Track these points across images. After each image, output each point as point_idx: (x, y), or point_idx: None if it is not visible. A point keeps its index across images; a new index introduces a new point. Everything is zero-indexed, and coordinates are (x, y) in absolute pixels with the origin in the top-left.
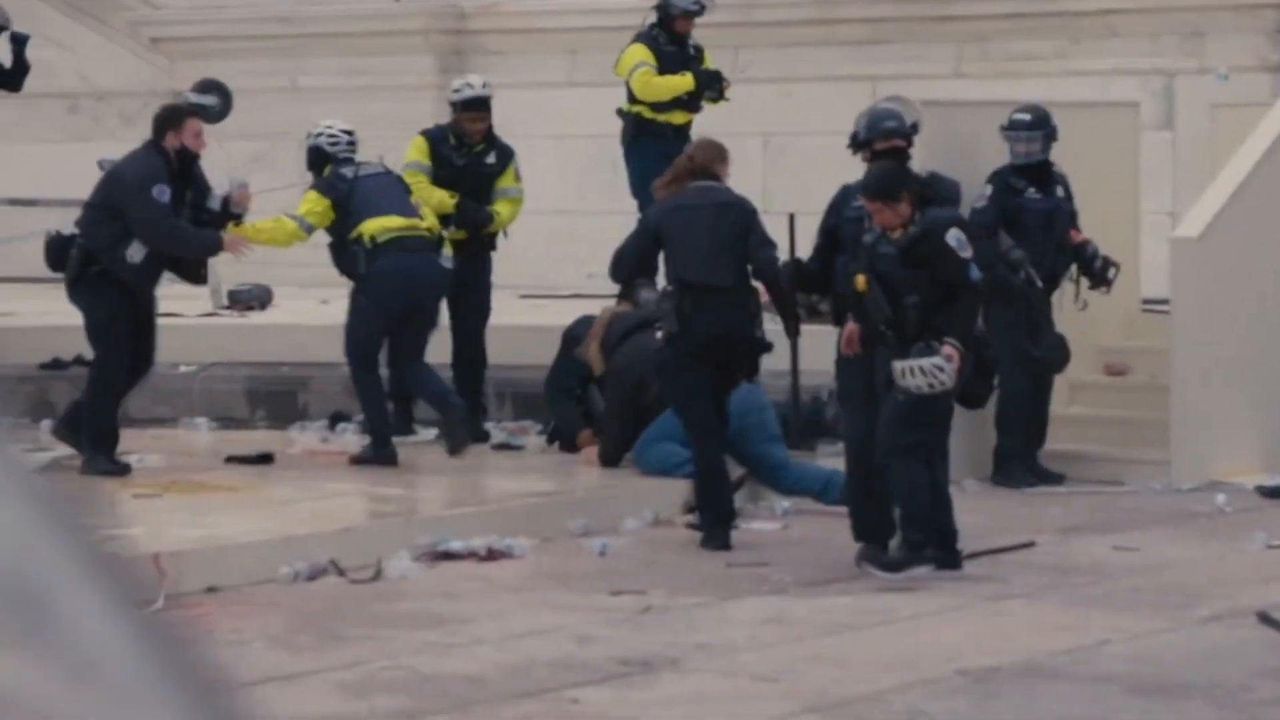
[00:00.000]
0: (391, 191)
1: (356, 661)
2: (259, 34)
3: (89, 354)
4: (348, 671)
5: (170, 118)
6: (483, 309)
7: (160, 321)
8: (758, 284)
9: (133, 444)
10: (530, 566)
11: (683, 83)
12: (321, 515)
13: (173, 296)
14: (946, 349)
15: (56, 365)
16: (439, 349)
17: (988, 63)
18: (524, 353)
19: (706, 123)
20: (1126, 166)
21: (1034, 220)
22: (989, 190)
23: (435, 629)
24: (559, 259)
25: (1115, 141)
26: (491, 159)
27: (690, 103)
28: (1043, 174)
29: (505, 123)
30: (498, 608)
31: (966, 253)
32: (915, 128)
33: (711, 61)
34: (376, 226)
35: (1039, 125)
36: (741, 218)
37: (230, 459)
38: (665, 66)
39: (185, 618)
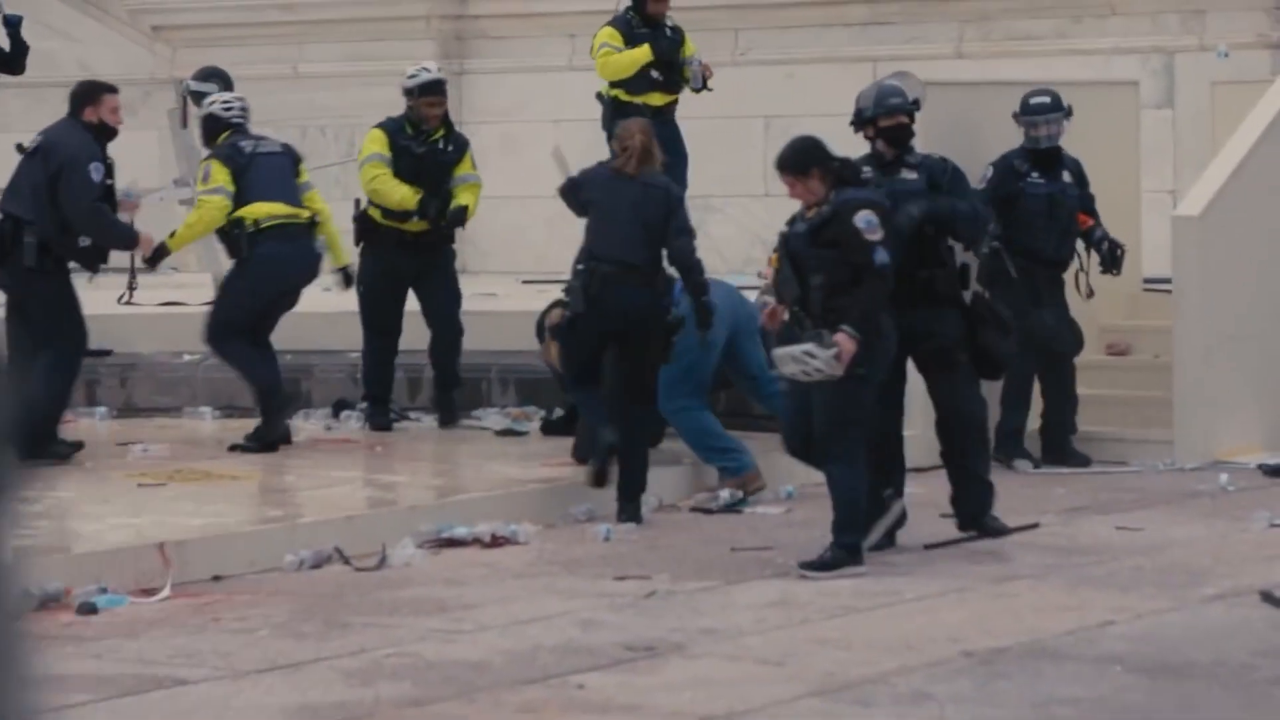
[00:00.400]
0: (284, 175)
1: (362, 649)
2: (260, 21)
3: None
4: (353, 659)
5: (87, 93)
6: (455, 296)
7: (163, 310)
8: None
9: (136, 433)
10: (534, 552)
11: (639, 54)
12: (325, 503)
13: (175, 285)
14: (838, 336)
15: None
16: (414, 337)
17: (988, 43)
18: (526, 338)
19: (708, 105)
20: (1127, 145)
21: (1035, 204)
22: (989, 173)
23: (440, 616)
24: (560, 243)
25: (1116, 120)
26: (448, 147)
27: (667, 84)
28: (1050, 158)
29: (507, 107)
30: (502, 594)
31: (875, 235)
32: (917, 104)
33: (692, 45)
34: (263, 212)
35: (1058, 107)
36: (666, 202)
37: (234, 447)
38: (646, 43)
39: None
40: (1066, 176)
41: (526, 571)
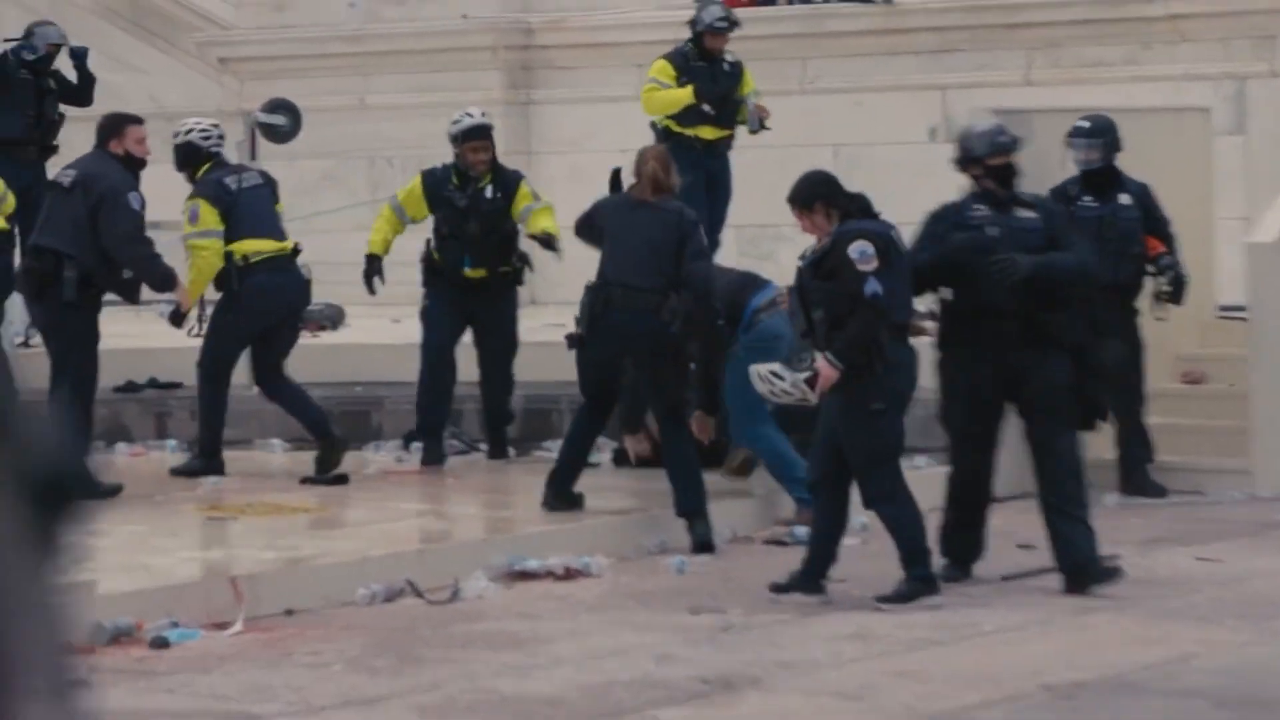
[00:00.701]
0: (268, 208)
1: (435, 684)
2: (327, 53)
3: (144, 377)
4: (427, 694)
5: (112, 125)
6: (511, 344)
7: None
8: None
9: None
10: (608, 585)
11: (681, 95)
12: (397, 536)
13: None
14: (818, 363)
15: (131, 389)
16: (466, 371)
17: (1058, 70)
18: None
19: (777, 134)
20: (1199, 172)
21: (1085, 227)
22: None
23: (514, 650)
24: None
25: (1187, 147)
26: (493, 193)
27: (719, 119)
28: (1103, 181)
29: (575, 137)
30: (576, 627)
31: (868, 266)
32: (1018, 143)
33: (751, 81)
34: (251, 248)
35: (1098, 133)
36: (679, 227)
37: (305, 480)
38: (694, 81)
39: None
40: (1124, 199)
41: (600, 604)
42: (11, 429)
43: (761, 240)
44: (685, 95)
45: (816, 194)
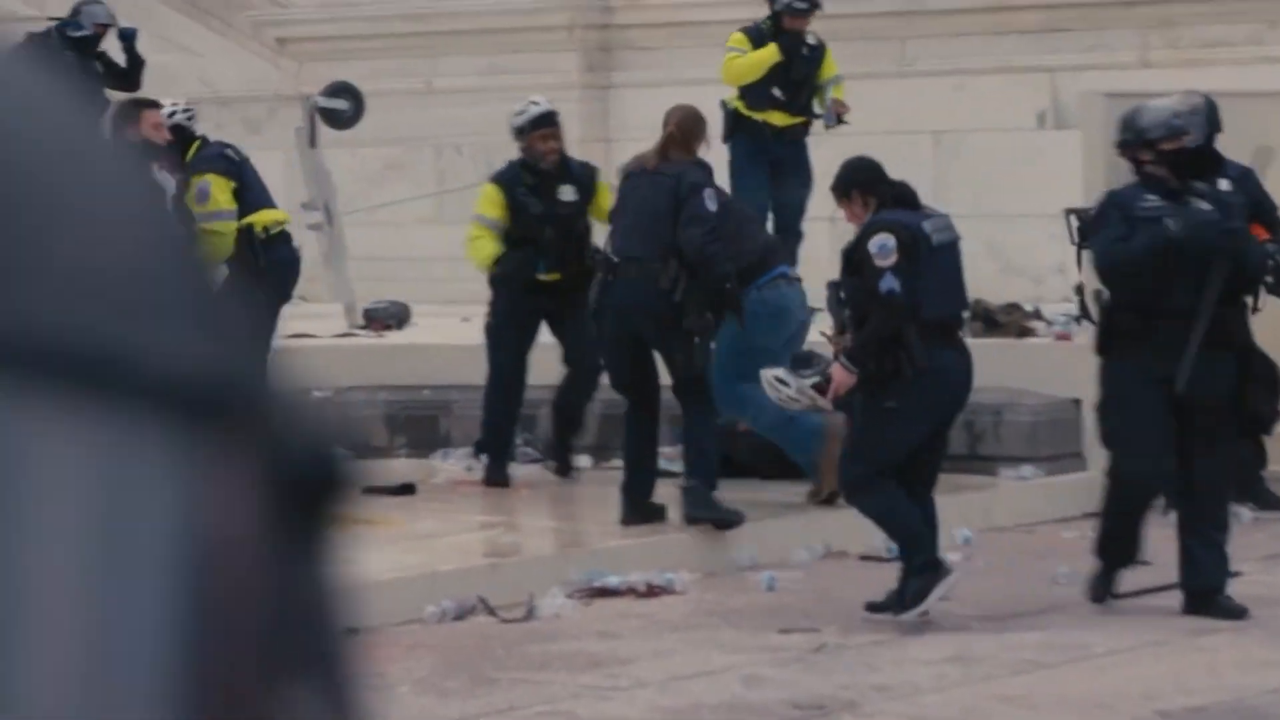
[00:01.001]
0: (261, 180)
1: (511, 707)
2: (391, 33)
3: None
4: (501, 717)
5: (126, 112)
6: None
7: (293, 342)
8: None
9: None
10: (693, 603)
11: (765, 55)
12: (468, 550)
13: (305, 316)
14: (833, 367)
15: None
16: (544, 371)
17: (1176, 50)
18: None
19: (873, 119)
20: None
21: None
22: None
23: (593, 671)
24: None
25: None
26: (568, 194)
27: (790, 104)
28: (1202, 165)
29: (655, 124)
30: (659, 647)
31: (886, 261)
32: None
33: (834, 65)
34: (270, 219)
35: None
36: (674, 192)
37: (369, 490)
38: (776, 42)
39: None
40: (1224, 185)
41: (685, 623)
42: (266, 413)
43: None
44: (769, 55)
45: (854, 181)
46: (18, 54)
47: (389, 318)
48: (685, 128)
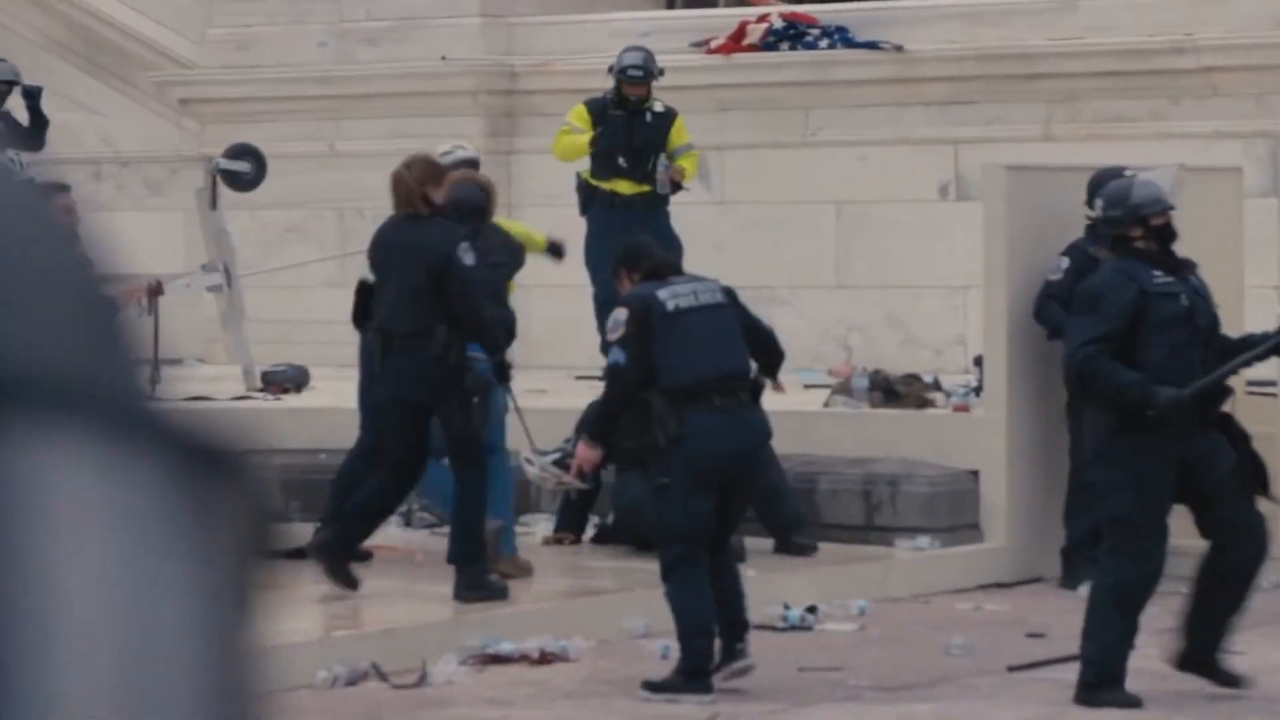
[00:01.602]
0: None
1: None
2: (295, 95)
3: None
4: None
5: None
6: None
7: (190, 405)
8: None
9: None
10: (586, 670)
11: (580, 142)
12: (361, 615)
13: (203, 378)
14: (577, 444)
15: None
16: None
17: (1078, 124)
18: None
19: (776, 189)
20: (1230, 236)
21: None
22: (1065, 263)
23: None
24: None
25: (1217, 209)
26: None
27: (634, 173)
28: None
29: (559, 190)
30: (552, 715)
31: (614, 334)
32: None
33: (685, 134)
34: None
35: None
36: (439, 263)
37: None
38: (609, 132)
39: None
40: None
41: (578, 691)
42: (240, 469)
43: (759, 303)
44: (583, 143)
45: (621, 260)
46: None
47: (287, 381)
48: (406, 182)
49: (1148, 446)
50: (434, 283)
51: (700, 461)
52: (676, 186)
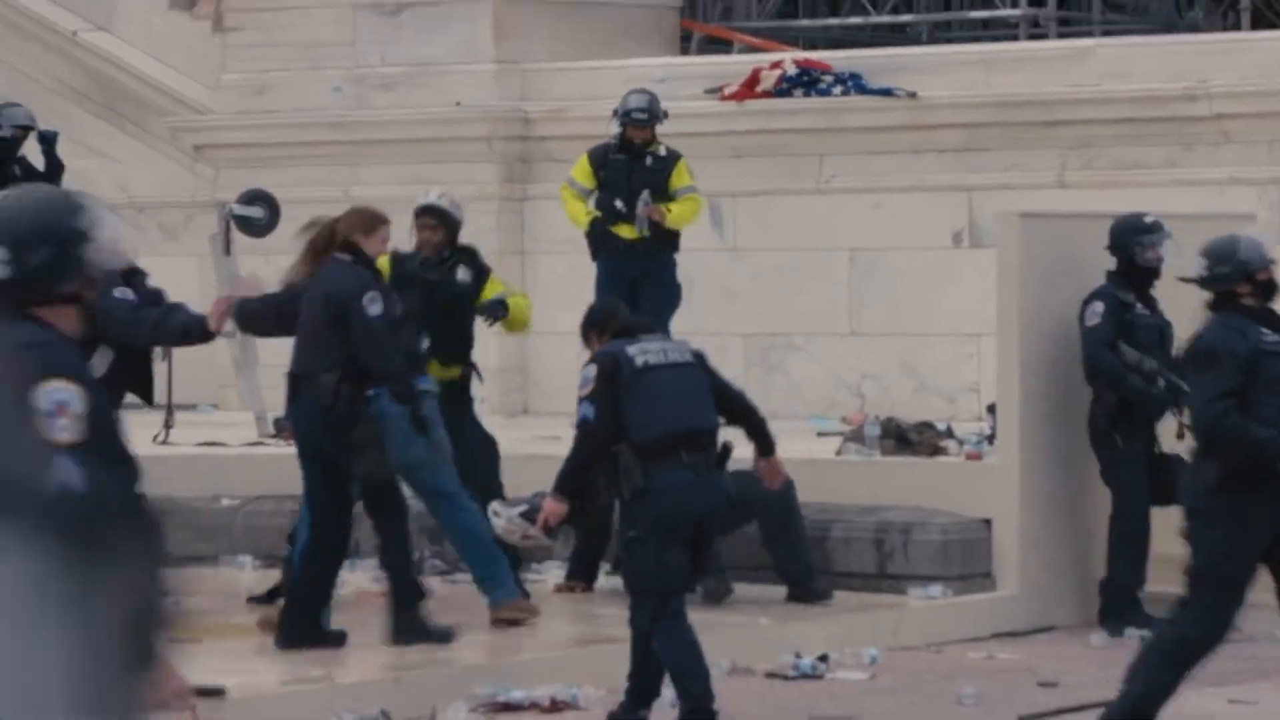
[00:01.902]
0: None
1: None
2: (310, 141)
3: None
4: None
5: None
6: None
7: (201, 451)
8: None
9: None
10: (597, 718)
11: (576, 213)
12: (372, 662)
13: (215, 424)
14: (545, 498)
15: None
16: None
17: (1093, 171)
18: None
19: (789, 236)
20: None
21: (1146, 337)
22: (1100, 307)
23: None
24: None
25: None
26: (464, 275)
27: (632, 217)
28: (1148, 286)
29: (574, 235)
30: None
31: (583, 391)
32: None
33: (687, 175)
34: None
35: (1161, 228)
36: (340, 309)
37: (252, 599)
38: (610, 176)
39: None
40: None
41: None
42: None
43: (772, 350)
44: (580, 216)
45: (590, 324)
46: None
47: (286, 426)
48: (329, 230)
49: (1251, 504)
50: (334, 327)
51: (670, 517)
52: (656, 226)
